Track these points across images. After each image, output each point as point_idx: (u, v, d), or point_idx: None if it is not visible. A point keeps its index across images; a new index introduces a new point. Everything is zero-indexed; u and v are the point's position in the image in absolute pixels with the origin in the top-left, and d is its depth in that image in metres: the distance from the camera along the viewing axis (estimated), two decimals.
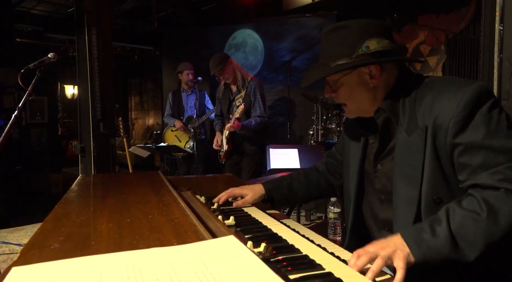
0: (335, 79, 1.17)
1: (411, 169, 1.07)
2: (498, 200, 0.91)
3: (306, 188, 1.54)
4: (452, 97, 1.02)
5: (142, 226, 0.91)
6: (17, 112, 2.16)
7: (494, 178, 0.94)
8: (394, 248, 0.90)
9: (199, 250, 0.71)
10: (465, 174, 1.00)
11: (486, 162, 0.96)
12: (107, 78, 4.01)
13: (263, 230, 1.19)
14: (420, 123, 1.07)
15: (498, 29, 2.44)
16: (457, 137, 1.00)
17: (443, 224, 0.92)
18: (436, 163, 1.04)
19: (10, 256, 3.38)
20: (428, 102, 1.07)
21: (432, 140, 1.04)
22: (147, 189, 1.38)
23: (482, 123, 0.98)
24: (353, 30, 1.13)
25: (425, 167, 1.05)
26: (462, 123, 0.99)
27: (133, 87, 12.13)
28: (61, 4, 7.47)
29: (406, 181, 1.08)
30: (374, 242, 0.95)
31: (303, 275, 0.83)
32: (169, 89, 6.32)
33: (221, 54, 3.46)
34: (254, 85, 3.37)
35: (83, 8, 3.89)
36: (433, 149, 1.04)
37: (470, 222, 0.91)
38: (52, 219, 0.97)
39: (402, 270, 0.86)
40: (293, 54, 5.38)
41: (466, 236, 0.90)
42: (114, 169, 4.17)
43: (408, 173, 1.08)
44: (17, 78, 2.23)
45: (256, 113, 3.37)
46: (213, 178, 1.87)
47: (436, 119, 1.03)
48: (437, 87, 1.09)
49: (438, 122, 1.03)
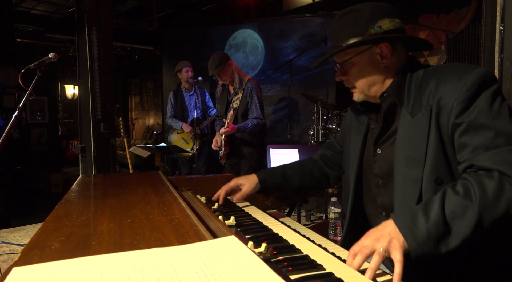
0: (346, 59, 1.18)
1: (414, 150, 1.07)
2: (493, 184, 0.91)
3: (300, 176, 1.53)
4: (457, 79, 1.04)
5: (142, 226, 0.91)
6: (18, 112, 2.16)
7: (492, 159, 0.95)
8: (389, 238, 0.89)
9: (200, 250, 0.71)
10: (464, 153, 1.00)
11: (486, 143, 0.97)
12: (107, 78, 4.01)
13: (264, 230, 1.19)
14: (425, 105, 1.08)
15: (498, 29, 2.44)
16: (460, 117, 1.01)
17: (438, 209, 0.92)
18: (439, 143, 1.04)
19: (11, 256, 3.38)
20: (433, 85, 1.08)
21: (436, 120, 1.05)
22: (147, 189, 1.38)
23: (486, 105, 0.99)
24: (365, 11, 1.15)
25: (429, 147, 1.05)
26: (466, 103, 1.00)
27: (133, 87, 12.14)
28: (61, 4, 7.48)
29: (409, 162, 1.08)
30: (369, 232, 0.94)
31: (304, 275, 0.83)
32: (169, 89, 6.31)
33: (220, 54, 3.42)
34: (251, 87, 3.36)
35: (83, 8, 3.89)
36: (437, 129, 1.05)
37: (463, 207, 0.91)
38: (53, 219, 0.97)
39: (400, 263, 0.85)
40: (296, 54, 5.38)
41: (460, 221, 0.90)
42: (115, 169, 4.17)
43: (411, 153, 1.08)
44: (17, 78, 2.23)
45: (253, 115, 3.36)
46: (214, 178, 1.87)
47: (440, 100, 1.05)
48: (443, 71, 1.10)
49: (442, 103, 1.04)
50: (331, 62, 1.30)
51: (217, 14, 7.52)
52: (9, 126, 2.11)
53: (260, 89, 3.45)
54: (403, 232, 0.90)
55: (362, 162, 1.28)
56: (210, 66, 3.35)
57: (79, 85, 4.14)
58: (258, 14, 6.73)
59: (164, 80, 6.60)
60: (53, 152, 6.48)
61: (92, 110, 3.94)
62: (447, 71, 1.09)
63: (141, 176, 1.80)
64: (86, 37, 3.88)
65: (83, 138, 4.06)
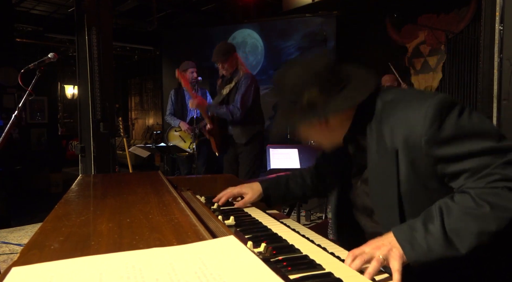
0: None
1: (387, 191, 1.05)
2: (496, 196, 0.90)
3: (302, 188, 1.55)
4: (416, 114, 0.99)
5: (142, 226, 0.91)
6: (17, 112, 2.16)
7: (486, 180, 0.93)
8: (390, 247, 0.90)
9: (199, 250, 0.71)
10: (458, 182, 0.98)
11: (474, 168, 0.95)
12: (107, 78, 4.00)
13: (263, 230, 1.19)
14: (388, 145, 1.04)
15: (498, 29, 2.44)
16: (436, 152, 0.97)
17: (436, 221, 0.91)
18: (415, 180, 1.01)
19: (10, 256, 3.38)
20: (393, 122, 1.04)
21: (408, 161, 1.01)
22: (147, 189, 1.38)
23: (455, 133, 0.96)
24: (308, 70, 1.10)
25: (401, 187, 1.03)
26: (435, 139, 0.97)
27: (133, 87, 12.14)
28: (61, 4, 7.48)
29: (385, 202, 1.07)
30: (370, 241, 0.95)
31: (303, 275, 0.83)
32: (169, 89, 6.30)
33: (228, 45, 3.37)
34: (245, 80, 3.30)
35: (83, 8, 3.89)
36: (411, 169, 1.01)
37: (466, 219, 0.90)
38: (52, 219, 0.97)
39: (398, 272, 0.86)
40: (299, 53, 5.38)
41: (462, 232, 0.89)
42: (114, 169, 4.17)
43: (385, 195, 1.06)
44: (17, 78, 2.23)
45: (232, 103, 3.32)
46: (213, 178, 1.87)
47: (407, 140, 1.01)
48: (399, 105, 1.05)
49: (410, 143, 1.00)
50: None
51: (217, 14, 7.52)
52: (9, 126, 2.11)
53: (254, 86, 3.36)
54: (402, 244, 0.91)
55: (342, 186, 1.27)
56: (216, 53, 3.30)
57: (79, 85, 4.13)
58: (258, 14, 6.73)
59: (164, 80, 6.60)
60: (53, 152, 6.48)
61: (92, 110, 3.93)
62: (403, 104, 1.05)
63: (141, 176, 1.80)
64: (86, 37, 3.88)
65: (83, 138, 4.05)
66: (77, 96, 4.31)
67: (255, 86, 3.39)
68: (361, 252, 0.91)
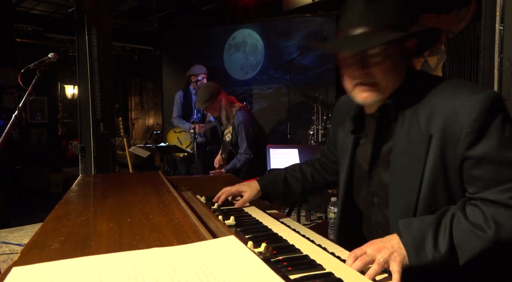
0: (376, 52, 1.03)
1: (409, 178, 1.03)
2: (507, 219, 0.89)
3: (302, 184, 1.53)
4: (463, 106, 0.96)
5: (142, 226, 0.91)
6: (17, 112, 2.16)
7: (506, 195, 0.91)
8: (391, 250, 0.90)
9: (200, 250, 0.71)
10: (475, 187, 0.96)
11: (498, 177, 0.93)
12: (107, 78, 4.00)
13: (264, 230, 1.19)
14: (423, 129, 1.01)
15: (498, 29, 2.44)
16: (469, 150, 0.95)
17: (447, 236, 0.91)
18: (440, 172, 0.99)
19: (11, 256, 3.38)
20: (434, 109, 1.00)
21: (440, 149, 0.98)
22: (147, 189, 1.38)
23: (496, 137, 0.93)
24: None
25: (425, 177, 1.00)
26: (474, 135, 0.94)
27: (133, 87, 12.14)
28: (61, 4, 7.48)
29: (403, 190, 1.04)
30: (372, 241, 0.95)
31: (303, 275, 0.83)
32: (169, 89, 6.32)
33: (212, 89, 3.27)
34: (238, 122, 3.26)
35: (83, 8, 3.89)
36: (440, 159, 0.98)
37: (472, 237, 0.90)
38: (53, 219, 0.97)
39: (398, 273, 0.86)
40: (297, 53, 5.38)
41: (466, 248, 0.90)
42: (114, 169, 4.17)
43: (406, 181, 1.03)
44: (17, 78, 2.23)
45: (241, 150, 3.30)
46: (213, 178, 1.87)
47: (445, 128, 0.97)
48: (444, 93, 1.01)
49: (448, 132, 0.97)
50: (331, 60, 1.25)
51: (217, 14, 7.53)
52: (9, 126, 2.11)
53: (249, 120, 3.31)
54: (408, 250, 0.91)
55: (352, 174, 1.23)
56: (199, 98, 3.28)
57: (79, 85, 4.14)
58: (258, 14, 6.73)
59: (164, 80, 6.60)
60: (53, 152, 6.48)
61: (92, 110, 3.93)
62: (451, 94, 1.00)
63: (141, 176, 1.80)
64: (86, 37, 3.88)
65: (83, 138, 4.05)
66: (77, 96, 4.31)
67: (250, 120, 3.33)
68: (362, 252, 0.91)
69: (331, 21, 5.53)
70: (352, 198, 1.25)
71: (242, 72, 6.15)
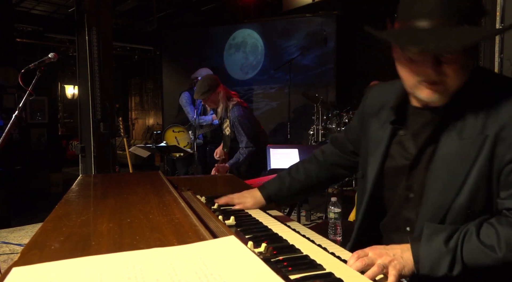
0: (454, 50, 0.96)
1: (451, 177, 0.98)
2: None
3: (307, 186, 1.50)
4: None
5: (142, 226, 0.91)
6: (17, 112, 2.16)
7: None
8: (392, 258, 0.91)
9: (200, 250, 0.71)
10: (507, 193, 0.94)
11: None
12: (107, 78, 4.01)
13: (264, 230, 1.19)
14: (479, 129, 0.96)
15: None
16: None
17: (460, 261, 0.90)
18: (485, 175, 0.95)
19: (11, 256, 3.38)
20: (495, 109, 0.95)
21: (490, 151, 0.94)
22: (147, 189, 1.38)
23: None
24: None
25: (470, 178, 0.96)
26: None
27: (133, 87, 12.14)
28: (61, 4, 7.48)
29: (442, 188, 1.00)
30: (375, 246, 0.95)
31: (303, 275, 0.83)
32: (169, 89, 6.32)
33: (210, 81, 3.26)
34: (233, 115, 3.24)
35: (83, 8, 3.89)
36: (488, 161, 0.94)
37: (481, 256, 0.89)
38: (53, 219, 0.97)
39: (394, 277, 0.87)
40: (297, 53, 5.39)
41: (473, 265, 0.90)
42: (114, 169, 4.17)
43: (447, 180, 0.99)
44: (17, 78, 2.23)
45: (242, 145, 3.26)
46: (214, 178, 1.87)
47: (502, 130, 0.93)
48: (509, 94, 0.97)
49: (503, 134, 0.93)
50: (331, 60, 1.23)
51: (217, 14, 7.53)
52: (9, 126, 2.11)
53: (245, 115, 3.28)
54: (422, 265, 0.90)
55: (383, 169, 1.16)
56: (197, 90, 3.26)
57: (79, 85, 4.14)
58: (258, 14, 6.73)
59: (164, 80, 6.60)
60: (53, 152, 6.48)
61: (92, 110, 3.94)
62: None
63: (141, 176, 1.80)
64: (86, 37, 3.88)
65: (83, 138, 4.06)
66: (77, 96, 4.31)
67: (246, 115, 3.31)
68: (364, 254, 0.91)
69: (331, 21, 5.53)
70: (381, 192, 1.18)
71: (242, 72, 6.15)
